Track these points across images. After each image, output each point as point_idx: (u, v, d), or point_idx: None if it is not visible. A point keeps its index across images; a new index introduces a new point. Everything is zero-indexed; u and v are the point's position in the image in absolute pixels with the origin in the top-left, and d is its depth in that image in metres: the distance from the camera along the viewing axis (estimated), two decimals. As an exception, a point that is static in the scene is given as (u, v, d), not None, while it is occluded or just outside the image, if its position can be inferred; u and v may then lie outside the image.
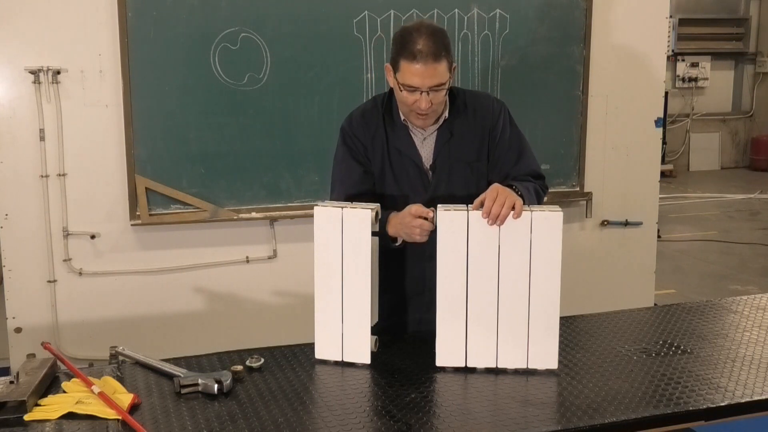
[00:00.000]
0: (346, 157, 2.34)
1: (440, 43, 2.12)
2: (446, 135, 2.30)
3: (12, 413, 1.83)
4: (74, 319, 3.75)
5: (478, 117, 2.31)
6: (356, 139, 2.33)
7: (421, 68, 2.10)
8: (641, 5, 4.28)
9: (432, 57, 2.09)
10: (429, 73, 2.11)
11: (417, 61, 2.10)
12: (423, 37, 2.10)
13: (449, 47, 2.16)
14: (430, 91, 2.14)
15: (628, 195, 4.45)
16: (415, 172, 2.31)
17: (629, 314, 2.58)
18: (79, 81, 3.58)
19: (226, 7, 3.64)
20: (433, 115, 2.25)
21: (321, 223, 2.12)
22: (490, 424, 1.79)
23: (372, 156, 2.32)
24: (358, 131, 2.33)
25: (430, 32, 2.12)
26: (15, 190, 3.59)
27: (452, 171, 2.30)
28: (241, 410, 1.86)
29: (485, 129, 2.31)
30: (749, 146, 12.12)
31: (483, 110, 2.33)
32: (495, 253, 2.05)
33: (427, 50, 2.09)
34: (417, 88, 2.13)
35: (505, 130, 2.33)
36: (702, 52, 11.55)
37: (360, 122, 2.34)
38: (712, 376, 2.05)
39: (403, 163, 2.31)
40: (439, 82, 2.13)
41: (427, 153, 2.32)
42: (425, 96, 2.14)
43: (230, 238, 3.90)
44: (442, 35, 2.15)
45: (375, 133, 2.32)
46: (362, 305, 2.11)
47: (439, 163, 2.30)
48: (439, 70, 2.12)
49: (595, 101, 4.27)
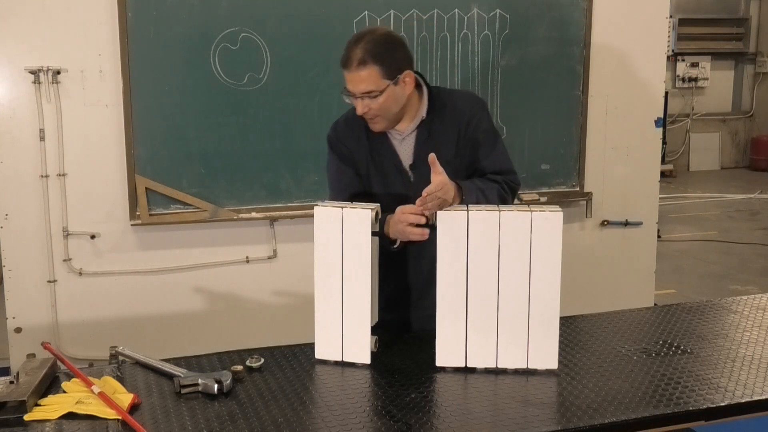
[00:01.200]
0: (336, 163, 2.41)
1: (372, 50, 2.16)
2: (424, 134, 2.34)
3: (12, 413, 1.83)
4: (74, 319, 3.75)
5: (455, 115, 2.34)
6: (342, 144, 2.39)
7: (347, 74, 2.19)
8: (641, 5, 4.28)
9: (356, 64, 2.16)
10: (355, 80, 2.18)
11: (344, 67, 2.19)
12: (354, 45, 2.17)
13: (386, 55, 2.18)
14: (364, 97, 2.19)
15: (628, 195, 4.45)
16: (396, 173, 2.35)
17: (629, 314, 2.58)
18: (79, 81, 3.58)
19: (226, 7, 3.64)
20: (381, 120, 2.28)
21: (321, 223, 2.12)
22: (490, 424, 1.79)
23: (357, 160, 2.38)
24: (342, 137, 2.39)
25: (368, 40, 2.17)
26: (15, 190, 3.59)
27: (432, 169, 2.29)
28: (241, 410, 1.86)
29: (461, 126, 2.34)
30: (749, 146, 12.12)
31: (460, 108, 2.36)
32: (495, 253, 2.05)
33: (353, 58, 2.16)
34: (351, 93, 2.21)
35: (479, 126, 2.36)
36: (702, 52, 11.55)
37: (344, 128, 2.40)
38: (712, 376, 2.05)
39: (384, 165, 2.35)
40: (367, 89, 2.18)
41: (407, 153, 2.36)
42: (360, 101, 2.21)
43: (230, 238, 3.90)
44: (381, 43, 2.18)
45: (358, 138, 2.37)
46: (362, 305, 2.11)
47: (419, 162, 2.31)
48: (364, 76, 2.16)
49: (595, 101, 4.27)
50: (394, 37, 2.27)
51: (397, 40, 2.27)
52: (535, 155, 4.20)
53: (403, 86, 2.24)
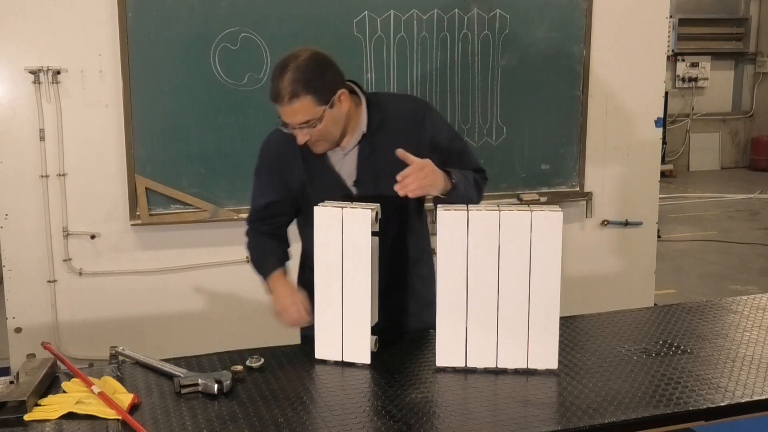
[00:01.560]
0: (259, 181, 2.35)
1: (301, 80, 2.05)
2: (367, 150, 2.24)
3: (12, 413, 1.83)
4: (74, 319, 3.75)
5: (400, 127, 2.24)
6: (272, 167, 2.31)
7: (281, 109, 2.10)
8: (641, 5, 4.28)
9: (288, 97, 2.06)
10: (290, 113, 2.09)
11: (275, 102, 2.10)
12: (280, 77, 2.06)
13: (316, 82, 2.07)
14: (302, 127, 2.11)
15: (628, 195, 4.45)
16: (337, 191, 2.24)
17: (629, 314, 2.58)
18: (79, 81, 3.58)
19: (226, 7, 3.64)
20: (324, 143, 2.19)
21: (321, 223, 2.12)
22: (490, 424, 1.79)
23: (289, 179, 2.29)
24: (274, 157, 2.31)
25: (293, 68, 2.06)
26: (15, 190, 3.59)
27: (378, 185, 2.22)
28: (241, 410, 1.86)
29: (411, 138, 2.22)
30: (749, 146, 12.12)
31: (405, 117, 2.26)
32: (495, 253, 2.05)
33: (283, 91, 2.06)
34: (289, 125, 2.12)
35: (440, 135, 2.27)
36: (702, 52, 11.55)
37: (276, 148, 2.30)
38: (712, 376, 2.05)
39: (323, 183, 2.26)
40: (303, 120, 2.09)
41: (350, 169, 2.26)
42: (298, 131, 2.12)
43: (230, 238, 3.90)
44: (308, 69, 2.07)
45: (294, 157, 2.27)
46: (362, 305, 2.11)
47: (363, 178, 2.24)
48: (299, 108, 2.07)
49: (595, 101, 4.27)
50: (319, 58, 2.12)
51: (323, 62, 2.13)
52: (535, 155, 4.20)
53: (340, 106, 2.14)
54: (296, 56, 2.09)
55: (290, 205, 2.36)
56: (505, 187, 4.18)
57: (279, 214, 2.36)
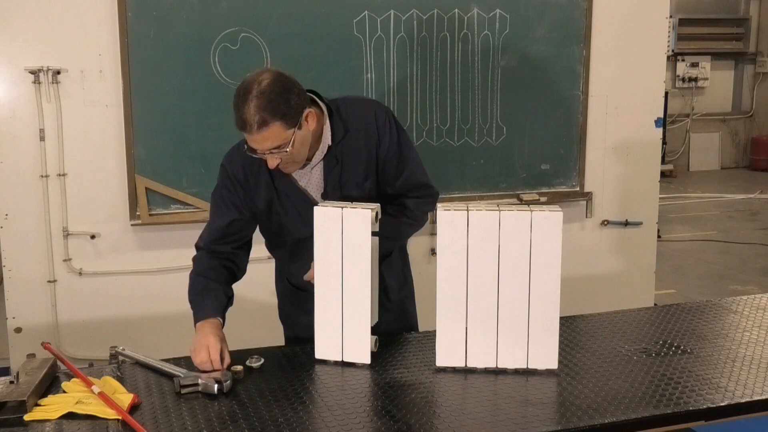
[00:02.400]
0: (219, 202, 2.28)
1: (267, 107, 2.00)
2: (332, 162, 2.23)
3: (12, 413, 1.83)
4: (74, 319, 3.75)
5: (360, 134, 2.24)
6: (235, 185, 2.25)
7: (250, 137, 2.04)
8: (641, 5, 4.28)
9: (257, 126, 2.00)
10: (259, 141, 2.04)
11: (243, 131, 2.04)
12: (247, 105, 2.00)
13: (282, 106, 2.02)
14: (273, 152, 2.07)
15: (628, 195, 4.45)
16: (303, 205, 2.23)
17: (629, 314, 2.58)
18: (79, 81, 3.58)
19: (226, 7, 3.64)
20: (294, 164, 2.17)
21: (321, 223, 2.12)
22: (490, 424, 1.79)
23: (255, 198, 2.26)
24: (239, 176, 2.24)
25: (257, 95, 2.00)
26: (15, 190, 3.59)
27: (344, 194, 2.24)
28: (241, 410, 1.86)
29: (369, 145, 2.24)
30: (749, 146, 12.12)
31: (364, 125, 2.24)
32: (495, 253, 2.05)
33: (249, 121, 2.00)
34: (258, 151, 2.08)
35: (391, 144, 2.25)
36: (702, 52, 11.54)
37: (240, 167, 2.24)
38: (712, 376, 2.05)
39: (289, 200, 2.25)
40: (275, 145, 2.05)
41: (317, 182, 2.25)
42: (269, 156, 2.08)
43: (230, 238, 3.90)
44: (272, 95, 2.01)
45: (258, 174, 2.24)
46: (362, 305, 2.11)
47: (330, 190, 2.25)
48: (270, 135, 2.02)
49: (595, 101, 4.27)
50: (283, 81, 2.06)
51: (287, 84, 2.06)
52: (535, 155, 4.20)
53: (307, 125, 2.11)
54: (258, 81, 2.03)
55: (252, 224, 2.32)
56: (505, 187, 4.18)
57: (241, 230, 2.30)
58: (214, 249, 2.30)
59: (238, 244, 2.32)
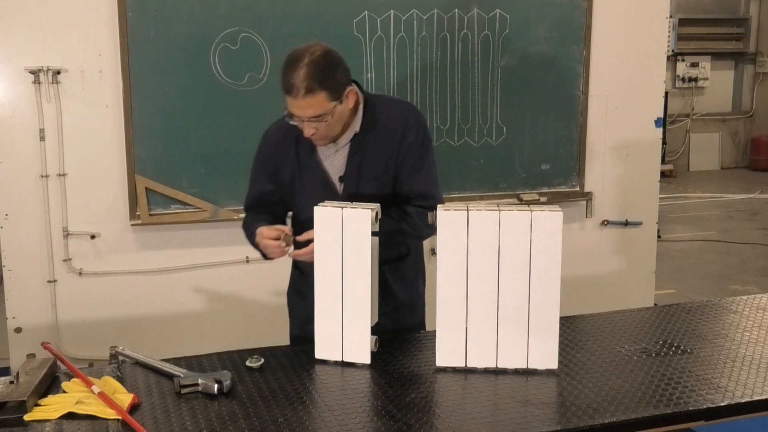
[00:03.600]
0: (255, 171, 2.47)
1: (317, 76, 2.11)
2: (356, 148, 2.31)
3: (12, 413, 1.83)
4: (74, 319, 3.75)
5: (387, 131, 2.31)
6: (267, 158, 2.41)
7: (293, 102, 2.14)
8: (641, 5, 4.27)
9: (304, 91, 2.11)
10: (303, 107, 2.14)
11: (291, 95, 2.13)
12: (297, 71, 2.11)
13: (329, 78, 2.14)
14: (312, 120, 2.17)
15: (628, 195, 4.45)
16: (321, 184, 2.33)
17: (629, 314, 2.58)
18: (79, 81, 3.58)
19: (226, 7, 3.64)
20: (325, 138, 2.26)
21: (321, 223, 2.12)
22: (490, 424, 1.79)
23: (282, 171, 2.38)
24: (272, 152, 2.40)
25: (308, 63, 2.11)
26: (15, 190, 3.59)
27: (360, 184, 2.31)
28: (241, 410, 1.86)
29: (393, 143, 2.31)
30: (749, 146, 12.11)
31: (394, 123, 2.32)
32: (495, 253, 2.05)
33: (299, 85, 2.10)
34: (298, 117, 2.18)
35: (412, 146, 2.32)
36: (702, 52, 11.54)
37: (273, 142, 2.40)
38: (712, 376, 2.05)
39: (310, 176, 2.35)
40: (316, 113, 2.15)
41: (338, 165, 2.34)
42: (307, 124, 2.18)
43: (230, 238, 3.89)
44: (323, 66, 2.13)
45: (288, 150, 2.36)
46: (362, 305, 2.11)
47: (348, 175, 2.32)
48: (314, 103, 2.13)
49: (595, 101, 4.27)
50: (333, 55, 2.20)
51: (336, 59, 2.20)
52: (535, 155, 4.20)
53: (347, 102, 2.23)
54: (311, 51, 2.14)
55: (283, 197, 2.43)
56: (505, 187, 4.18)
57: (273, 203, 2.44)
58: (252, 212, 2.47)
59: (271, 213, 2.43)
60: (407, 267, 2.46)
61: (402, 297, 2.42)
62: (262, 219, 2.36)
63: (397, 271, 2.42)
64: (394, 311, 2.40)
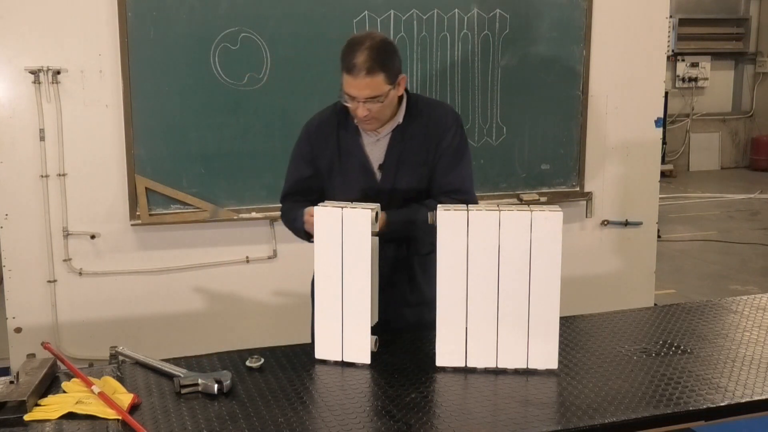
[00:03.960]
0: (295, 159, 2.53)
1: (377, 58, 2.24)
2: (398, 138, 2.41)
3: (12, 413, 1.83)
4: (74, 319, 3.75)
5: (429, 126, 2.43)
6: (307, 145, 2.49)
7: (354, 81, 2.24)
8: (641, 5, 4.28)
9: (365, 71, 2.22)
10: (361, 86, 2.24)
11: (352, 74, 2.24)
12: (360, 52, 2.23)
13: (389, 62, 2.27)
14: (367, 101, 2.27)
15: (628, 195, 4.45)
16: (361, 172, 2.43)
17: (629, 314, 2.58)
18: (79, 81, 3.58)
19: (226, 7, 3.64)
20: (375, 122, 2.36)
21: (321, 223, 2.12)
22: (490, 424, 1.79)
23: (321, 159, 2.46)
24: (312, 138, 2.48)
25: (370, 47, 2.24)
26: (15, 190, 3.59)
27: (399, 173, 2.41)
28: (241, 410, 1.86)
29: (433, 139, 2.42)
30: (749, 146, 12.11)
31: (435, 121, 2.44)
32: (495, 253, 2.05)
33: (361, 65, 2.22)
34: (354, 98, 2.27)
35: (450, 143, 2.43)
36: (702, 52, 11.54)
37: (315, 130, 2.49)
38: (712, 376, 2.05)
39: (351, 163, 2.43)
40: (373, 94, 2.26)
41: (378, 154, 2.43)
42: (362, 105, 2.28)
43: (230, 238, 3.90)
44: (383, 50, 2.27)
45: (328, 138, 2.45)
46: (362, 305, 2.11)
47: (387, 164, 2.42)
48: (373, 83, 2.24)
49: (595, 101, 4.27)
50: (390, 42, 2.34)
51: (394, 45, 2.35)
52: (535, 155, 4.20)
53: (398, 89, 2.34)
54: (372, 37, 2.29)
55: (320, 184, 2.50)
56: (505, 187, 4.18)
57: (312, 190, 2.48)
58: (291, 199, 2.52)
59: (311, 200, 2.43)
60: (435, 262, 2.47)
61: (427, 292, 2.42)
62: (302, 206, 2.39)
63: (425, 265, 2.46)
64: (418, 305, 2.46)
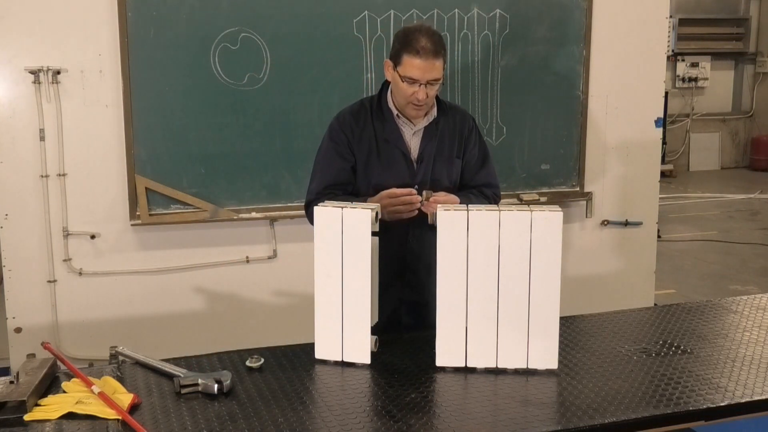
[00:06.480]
0: (330, 151, 2.56)
1: (439, 43, 2.40)
2: (433, 131, 2.55)
3: (12, 413, 1.83)
4: (74, 319, 3.75)
5: (458, 123, 2.60)
6: (342, 134, 2.54)
7: (422, 63, 2.36)
8: (641, 5, 4.28)
9: (432, 54, 2.36)
10: (428, 68, 2.36)
11: (419, 56, 2.35)
12: (425, 36, 2.37)
13: (445, 48, 2.44)
14: (428, 84, 2.38)
15: (628, 195, 4.45)
16: (403, 161, 2.52)
17: (629, 314, 2.58)
18: (79, 81, 3.58)
19: (226, 7, 3.64)
20: (426, 108, 2.49)
21: (321, 223, 2.12)
22: (490, 424, 1.79)
23: (358, 148, 2.53)
24: (346, 128, 2.55)
25: (431, 32, 2.41)
26: (15, 190, 3.59)
27: (434, 163, 2.54)
28: (241, 410, 1.86)
29: (462, 135, 2.60)
30: (749, 146, 12.11)
31: (459, 118, 2.62)
32: (495, 253, 2.05)
33: (428, 47, 2.35)
34: (416, 81, 2.37)
35: (476, 142, 2.63)
36: (702, 52, 11.54)
37: (349, 119, 2.55)
38: (712, 376, 2.05)
39: (392, 153, 2.52)
40: (436, 77, 2.39)
41: (414, 146, 2.55)
42: (423, 88, 2.38)
43: (230, 238, 3.90)
44: (440, 37, 2.44)
45: (363, 128, 2.53)
46: (362, 305, 2.11)
47: (425, 155, 2.53)
48: (437, 66, 2.38)
49: (595, 101, 4.27)
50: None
51: None
52: (535, 155, 4.20)
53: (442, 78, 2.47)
54: (426, 25, 2.47)
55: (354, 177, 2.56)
56: (505, 187, 4.15)
57: (350, 181, 2.54)
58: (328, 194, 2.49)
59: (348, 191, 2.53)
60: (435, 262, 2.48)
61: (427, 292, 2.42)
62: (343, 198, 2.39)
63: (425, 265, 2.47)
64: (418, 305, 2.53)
